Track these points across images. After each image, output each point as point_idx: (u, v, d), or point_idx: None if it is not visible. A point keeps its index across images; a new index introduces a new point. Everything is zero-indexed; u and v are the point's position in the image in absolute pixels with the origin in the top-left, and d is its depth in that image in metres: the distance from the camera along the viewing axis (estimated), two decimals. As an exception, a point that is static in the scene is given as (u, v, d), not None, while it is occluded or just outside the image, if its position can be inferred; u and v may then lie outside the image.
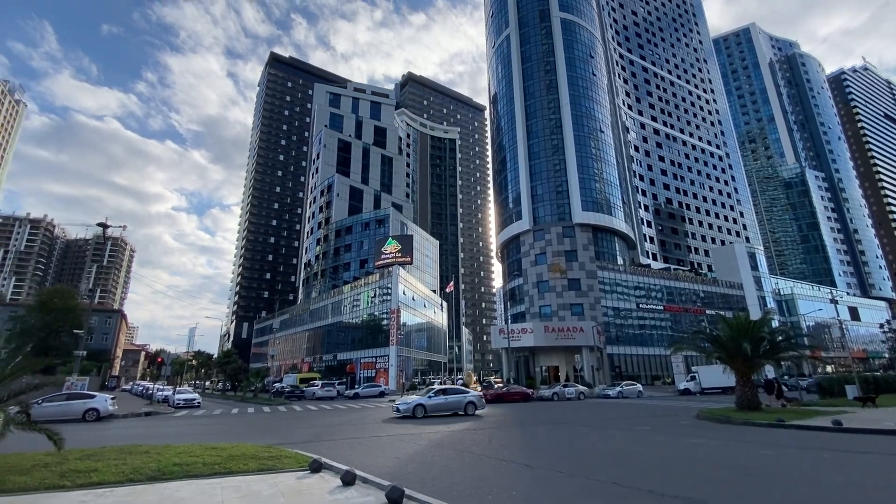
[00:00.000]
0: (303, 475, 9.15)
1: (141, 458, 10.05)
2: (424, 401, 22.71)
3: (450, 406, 23.10)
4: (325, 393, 41.52)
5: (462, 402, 23.31)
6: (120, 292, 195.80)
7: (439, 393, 23.76)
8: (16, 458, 9.83)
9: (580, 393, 37.11)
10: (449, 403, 23.13)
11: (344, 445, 14.09)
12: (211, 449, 11.34)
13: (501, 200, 71.79)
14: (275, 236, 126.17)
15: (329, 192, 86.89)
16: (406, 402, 22.84)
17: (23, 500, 7.31)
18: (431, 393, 23.91)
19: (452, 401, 23.30)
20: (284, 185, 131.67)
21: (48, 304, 52.06)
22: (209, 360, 62.20)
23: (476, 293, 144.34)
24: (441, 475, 9.77)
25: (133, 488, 8.08)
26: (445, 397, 23.34)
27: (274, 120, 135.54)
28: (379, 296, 60.75)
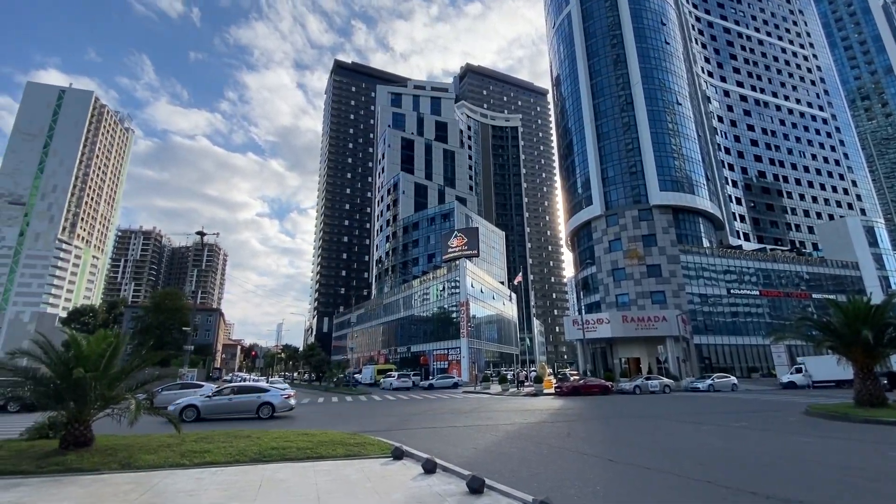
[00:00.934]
0: (386, 462, 9.54)
1: (244, 442, 11.08)
2: (198, 401, 18.77)
3: (236, 408, 19.06)
4: (402, 384, 43.04)
5: (255, 403, 19.28)
6: (217, 293, 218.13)
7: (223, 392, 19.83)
8: (144, 438, 11.32)
9: (665, 386, 34.82)
10: (234, 405, 19.10)
11: (422, 434, 14.46)
12: (303, 435, 12.20)
13: (569, 186, 69.13)
14: (347, 235, 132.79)
15: (395, 191, 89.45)
16: (176, 403, 18.77)
17: (152, 475, 8.38)
18: (209, 392, 20.79)
19: (239, 401, 19.27)
20: (354, 186, 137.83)
21: (161, 305, 59.14)
22: (295, 353, 67.44)
23: (546, 284, 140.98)
24: (520, 466, 9.67)
25: (239, 468, 8.93)
26: (230, 397, 19.33)
27: (341, 125, 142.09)
28: (448, 289, 61.60)
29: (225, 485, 7.71)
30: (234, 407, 19.03)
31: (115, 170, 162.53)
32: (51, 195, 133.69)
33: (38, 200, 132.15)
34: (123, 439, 11.02)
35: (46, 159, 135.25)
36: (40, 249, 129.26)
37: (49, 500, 6.83)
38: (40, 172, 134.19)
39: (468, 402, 27.23)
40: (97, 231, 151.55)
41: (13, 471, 8.25)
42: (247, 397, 19.63)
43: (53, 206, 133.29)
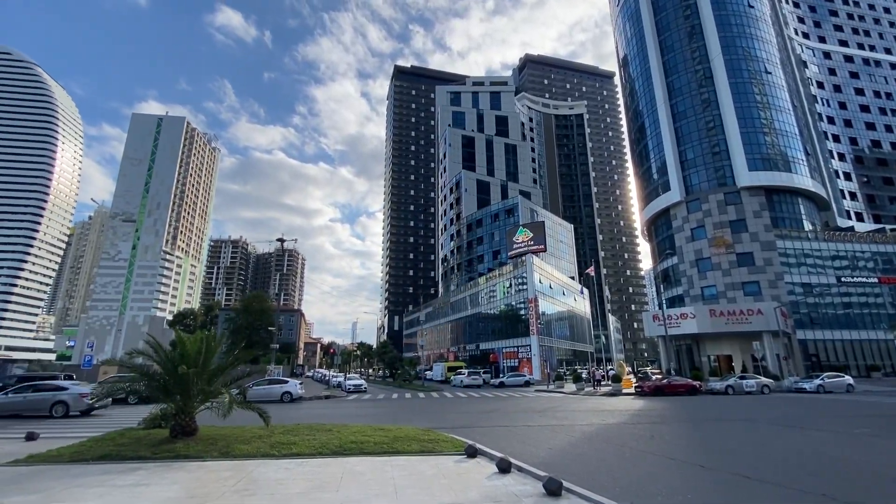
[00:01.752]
0: (460, 459, 9.53)
1: (326, 435, 11.66)
2: None
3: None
4: (472, 381, 43.09)
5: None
6: (297, 294, 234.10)
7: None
8: (239, 430, 12.33)
9: (763, 386, 31.39)
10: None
11: (495, 433, 14.29)
12: (379, 430, 12.60)
13: (643, 172, 64.90)
14: (413, 236, 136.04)
15: (457, 189, 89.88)
16: None
17: (247, 464, 9.08)
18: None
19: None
20: (418, 187, 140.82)
21: (249, 307, 64.43)
22: (369, 350, 70.36)
23: (620, 277, 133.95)
24: (599, 469, 9.19)
25: (322, 460, 9.40)
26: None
27: (403, 128, 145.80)
28: (514, 286, 60.70)
29: (310, 475, 8.12)
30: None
31: (206, 186, 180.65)
32: (155, 212, 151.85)
33: (145, 217, 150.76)
34: (222, 430, 12.09)
35: (150, 180, 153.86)
36: (149, 260, 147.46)
37: (162, 483, 7.62)
38: (146, 192, 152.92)
39: (541, 401, 26.56)
40: (193, 242, 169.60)
41: (133, 456, 9.37)
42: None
43: (158, 222, 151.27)
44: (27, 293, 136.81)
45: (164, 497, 6.81)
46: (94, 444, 10.53)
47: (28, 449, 10.47)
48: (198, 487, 7.34)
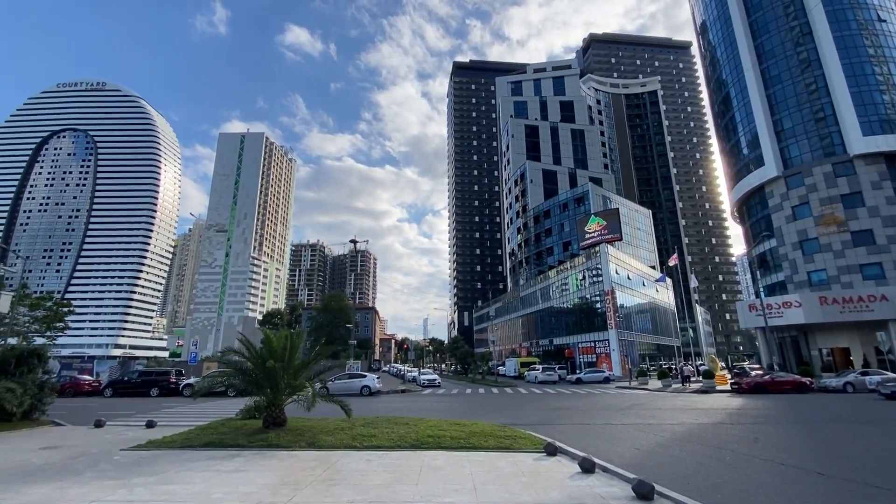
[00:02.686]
0: (539, 457, 9.22)
1: (404, 429, 11.87)
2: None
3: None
4: (547, 377, 41.98)
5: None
6: (371, 293, 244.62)
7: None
8: (324, 422, 12.95)
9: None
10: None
11: (575, 431, 13.69)
12: (455, 424, 12.58)
13: (730, 148, 58.75)
14: (479, 231, 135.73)
15: (522, 181, 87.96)
16: None
17: (331, 454, 9.48)
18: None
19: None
20: (481, 182, 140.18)
21: (328, 306, 68.55)
22: (441, 346, 71.47)
23: (708, 265, 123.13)
24: (696, 474, 8.37)
25: (401, 453, 9.55)
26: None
27: (464, 124, 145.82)
28: (588, 278, 58.09)
29: (390, 468, 8.27)
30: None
31: (285, 195, 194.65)
32: (243, 221, 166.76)
33: (235, 227, 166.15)
34: (308, 421, 12.79)
35: (237, 193, 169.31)
36: (240, 266, 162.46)
37: (258, 470, 8.17)
38: (234, 204, 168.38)
39: (623, 398, 25.14)
40: (277, 247, 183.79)
41: (232, 444, 10.20)
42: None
43: (246, 230, 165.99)
44: (144, 299, 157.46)
45: (261, 483, 7.27)
46: (200, 432, 11.64)
47: (148, 435, 11.86)
48: (289, 475, 7.76)
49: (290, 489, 6.93)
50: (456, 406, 22.49)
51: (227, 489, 6.93)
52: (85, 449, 10.17)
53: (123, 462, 8.81)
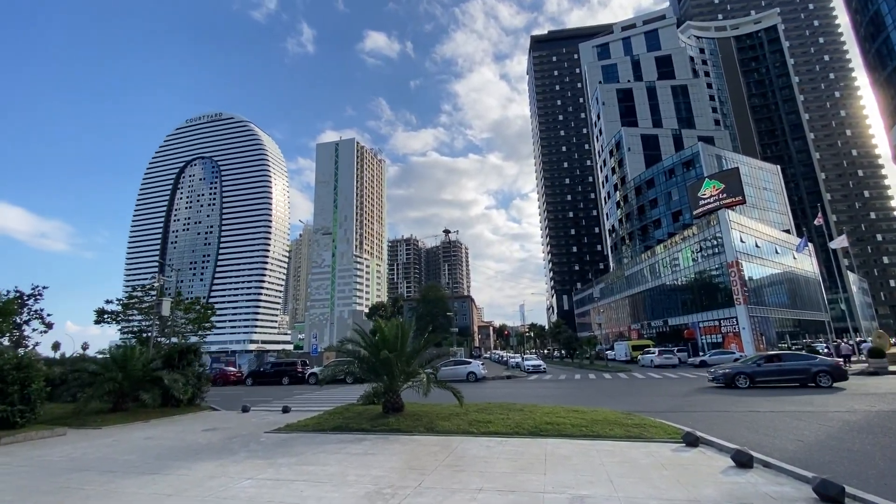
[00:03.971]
0: (677, 448, 8.30)
1: (519, 415, 11.52)
2: None
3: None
4: (665, 360, 38.52)
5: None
6: (465, 282, 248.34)
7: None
8: (438, 407, 13.12)
9: None
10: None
11: (712, 419, 12.14)
12: (573, 411, 11.90)
13: (886, 77, 47.77)
14: (572, 210, 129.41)
15: (618, 150, 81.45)
16: None
17: (450, 440, 9.45)
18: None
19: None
20: (571, 158, 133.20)
21: (426, 297, 71.00)
22: (542, 331, 69.79)
23: (861, 223, 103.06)
24: (892, 472, 6.72)
25: (520, 440, 9.20)
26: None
27: (547, 100, 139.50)
28: (706, 249, 51.92)
29: (512, 455, 7.96)
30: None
31: (378, 195, 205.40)
32: (344, 223, 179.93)
33: (337, 229, 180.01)
34: (422, 407, 13.06)
35: (337, 197, 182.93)
36: (345, 265, 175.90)
37: (384, 453, 8.40)
38: (335, 208, 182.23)
39: (764, 381, 21.89)
40: (375, 245, 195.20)
41: (358, 428, 10.72)
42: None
43: (347, 231, 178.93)
44: (269, 299, 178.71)
45: (389, 466, 7.42)
46: (328, 416, 12.49)
47: (285, 419, 13.07)
48: (413, 459, 7.83)
49: (417, 474, 6.95)
50: (567, 392, 21.54)
51: (360, 472, 7.16)
52: (237, 431, 11.47)
53: (268, 443, 9.70)
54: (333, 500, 5.87)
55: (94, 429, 12.45)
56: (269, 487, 6.46)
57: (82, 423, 12.86)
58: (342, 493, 6.13)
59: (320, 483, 6.62)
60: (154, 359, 16.09)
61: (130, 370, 14.92)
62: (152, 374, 15.18)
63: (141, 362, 15.41)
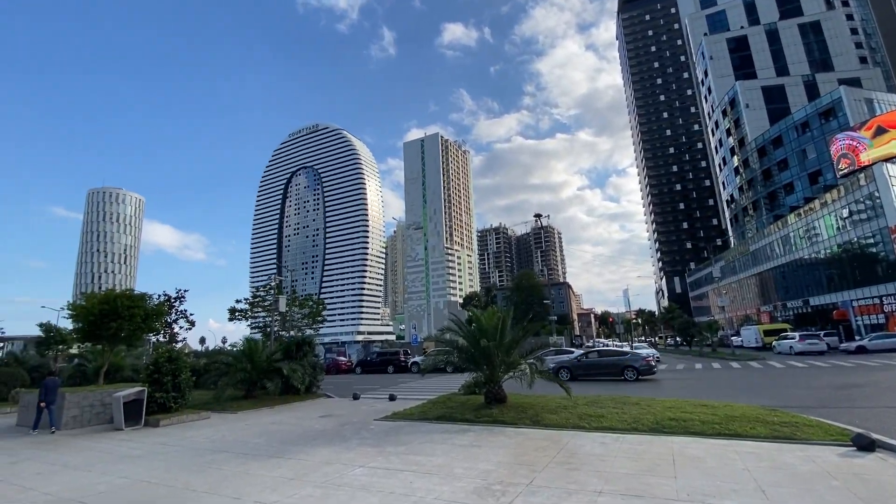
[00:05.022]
0: (845, 452, 6.84)
1: (635, 409, 10.47)
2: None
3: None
4: (809, 346, 32.92)
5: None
6: (560, 268, 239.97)
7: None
8: (543, 399, 12.49)
9: None
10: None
11: (883, 416, 9.99)
12: (700, 406, 10.55)
13: None
14: (680, 182, 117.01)
15: (733, 109, 71.27)
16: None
17: (559, 434, 8.83)
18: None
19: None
20: (674, 125, 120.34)
21: (520, 285, 69.61)
22: (651, 317, 64.16)
23: None
24: None
25: (640, 437, 8.28)
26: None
27: (642, 64, 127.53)
28: (856, 213, 43.22)
29: (631, 454, 7.20)
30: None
31: (465, 186, 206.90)
32: (433, 217, 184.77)
33: (427, 223, 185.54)
34: (526, 398, 12.54)
35: (425, 192, 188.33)
36: (436, 257, 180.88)
37: (489, 446, 8.10)
38: (424, 203, 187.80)
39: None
40: (464, 236, 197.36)
41: (461, 418, 10.59)
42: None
43: (437, 225, 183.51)
44: (371, 293, 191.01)
45: (497, 461, 7.10)
46: (432, 406, 12.59)
47: (391, 407, 13.50)
48: (522, 454, 7.42)
49: (527, 470, 6.52)
50: (688, 384, 19.36)
51: (467, 464, 6.94)
52: (349, 418, 12.09)
53: (377, 431, 10.00)
54: (443, 494, 5.69)
55: (230, 413, 14.08)
56: (380, 476, 6.52)
57: (222, 409, 14.63)
58: (451, 487, 5.93)
59: (429, 475, 6.52)
60: (275, 351, 17.78)
61: (257, 362, 16.66)
62: (274, 364, 16.77)
63: (265, 354, 17.12)
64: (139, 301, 14.84)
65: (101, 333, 13.96)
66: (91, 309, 13.78)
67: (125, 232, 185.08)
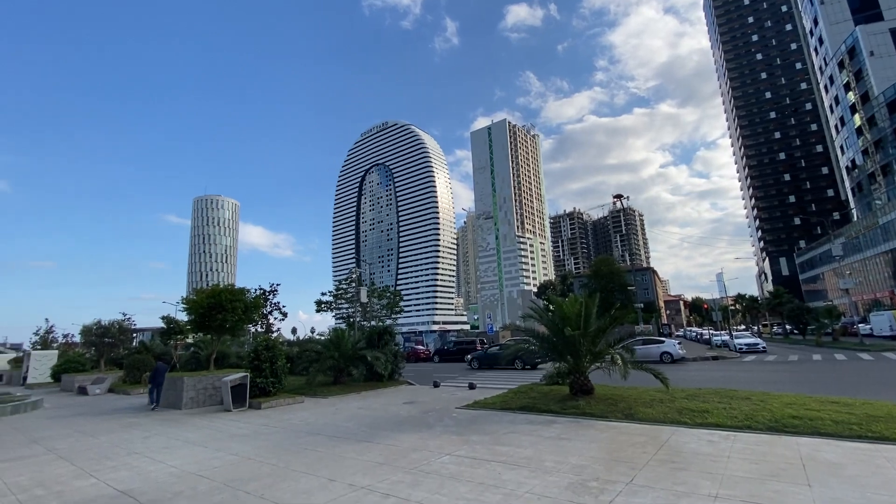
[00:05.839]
0: None
1: (745, 405, 9.37)
2: None
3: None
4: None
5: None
6: (643, 252, 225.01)
7: None
8: (633, 391, 11.63)
9: None
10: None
11: None
12: (829, 402, 9.13)
13: None
14: (783, 150, 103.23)
15: (853, 59, 60.89)
16: None
17: (658, 430, 8.07)
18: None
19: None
20: (775, 85, 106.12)
21: (599, 271, 65.89)
22: (754, 302, 57.29)
23: None
24: None
25: (756, 437, 7.33)
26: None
27: (733, 20, 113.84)
28: None
29: (748, 455, 6.34)
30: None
31: (535, 172, 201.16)
32: (503, 205, 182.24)
33: (498, 212, 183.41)
34: (615, 390, 11.74)
35: (494, 181, 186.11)
36: (508, 246, 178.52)
37: (579, 439, 7.62)
38: (494, 192, 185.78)
39: None
40: (536, 223, 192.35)
41: (545, 409, 10.15)
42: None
43: (507, 213, 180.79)
44: (444, 284, 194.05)
45: (589, 455, 6.64)
46: (514, 395, 12.28)
47: (471, 396, 13.43)
48: (616, 450, 6.87)
49: (625, 467, 5.99)
50: (805, 378, 16.99)
51: (556, 458, 6.57)
52: (431, 405, 12.20)
53: (460, 419, 9.93)
54: (534, 488, 5.40)
55: (322, 398, 14.95)
56: (468, 466, 6.39)
57: (314, 393, 15.60)
58: (542, 481, 5.61)
59: (517, 467, 6.26)
60: (359, 340, 18.58)
61: (343, 350, 17.53)
62: (359, 352, 17.54)
63: (350, 343, 17.96)
64: (240, 295, 16.24)
65: (210, 324, 15.50)
66: (200, 302, 15.34)
67: (225, 234, 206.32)
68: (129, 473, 7.03)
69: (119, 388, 20.61)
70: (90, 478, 6.90)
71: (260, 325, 28.54)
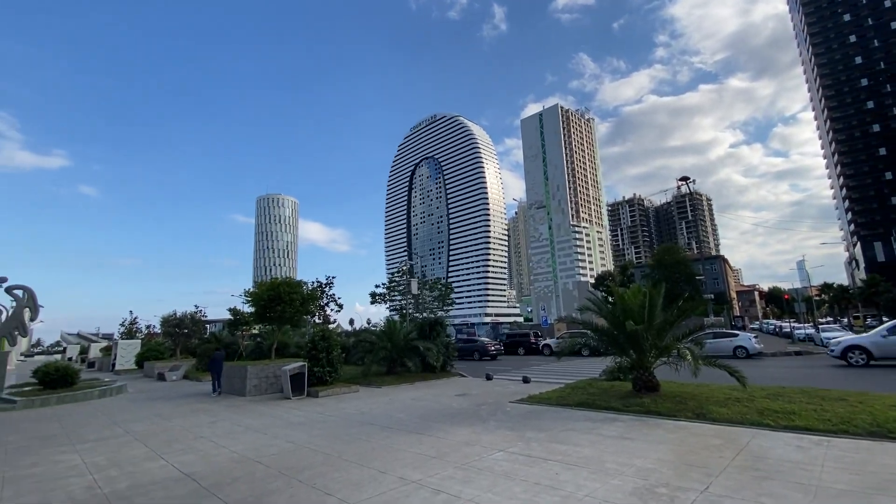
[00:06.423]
0: None
1: (841, 406, 8.29)
2: None
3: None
4: None
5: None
6: (712, 240, 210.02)
7: None
8: (704, 388, 10.70)
9: None
10: None
11: None
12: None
13: None
14: (879, 121, 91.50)
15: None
16: None
17: (734, 431, 7.34)
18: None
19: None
20: (867, 48, 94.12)
21: (662, 261, 62.10)
22: (844, 292, 51.17)
23: None
24: None
25: (854, 442, 6.47)
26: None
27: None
28: None
29: (846, 463, 5.56)
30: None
31: (590, 157, 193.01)
32: (557, 194, 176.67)
33: (551, 201, 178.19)
34: (683, 387, 10.88)
35: (546, 169, 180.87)
36: (562, 236, 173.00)
37: (645, 440, 7.06)
38: (546, 180, 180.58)
39: None
40: (593, 211, 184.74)
41: (605, 406, 9.56)
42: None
43: (561, 202, 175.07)
44: (496, 276, 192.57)
45: (656, 458, 6.11)
46: (571, 391, 11.73)
47: (526, 390, 13.02)
48: (688, 453, 6.27)
49: (700, 473, 5.42)
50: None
51: (619, 459, 6.10)
52: (484, 399, 11.97)
53: (514, 414, 9.61)
54: (595, 492, 5.00)
55: (376, 387, 15.21)
56: (522, 464, 6.10)
57: (368, 383, 15.92)
58: (604, 485, 5.20)
59: (576, 467, 5.87)
60: (411, 331, 18.74)
61: (396, 340, 17.77)
62: (411, 343, 17.70)
63: (402, 334, 18.17)
64: (297, 287, 16.89)
65: (270, 315, 16.26)
66: (261, 295, 16.12)
67: (286, 231, 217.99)
68: (195, 457, 7.42)
69: (193, 374, 22.34)
70: (160, 460, 7.36)
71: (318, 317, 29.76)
